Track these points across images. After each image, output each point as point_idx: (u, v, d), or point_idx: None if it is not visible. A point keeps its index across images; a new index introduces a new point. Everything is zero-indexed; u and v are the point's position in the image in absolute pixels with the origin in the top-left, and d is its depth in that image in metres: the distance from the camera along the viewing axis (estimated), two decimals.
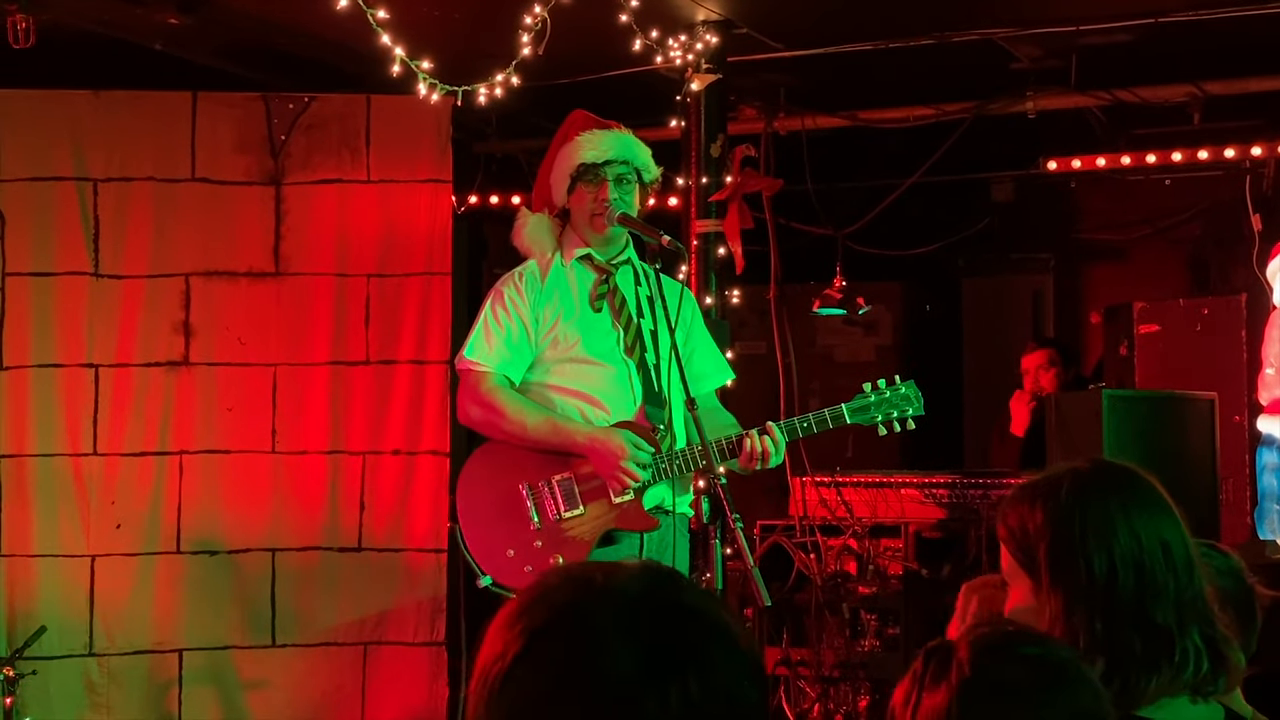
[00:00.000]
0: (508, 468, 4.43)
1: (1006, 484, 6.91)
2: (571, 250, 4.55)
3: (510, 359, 4.48)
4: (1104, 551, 2.27)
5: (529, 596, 1.50)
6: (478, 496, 4.45)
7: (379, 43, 5.10)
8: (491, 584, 4.38)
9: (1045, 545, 2.31)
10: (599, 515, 4.37)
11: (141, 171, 6.30)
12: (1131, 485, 2.35)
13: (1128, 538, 2.27)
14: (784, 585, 6.96)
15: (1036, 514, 2.34)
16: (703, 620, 1.47)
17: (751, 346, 7.96)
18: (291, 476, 6.34)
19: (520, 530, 4.38)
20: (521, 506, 4.40)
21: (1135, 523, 2.29)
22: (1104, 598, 2.25)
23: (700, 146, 6.57)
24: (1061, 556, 2.29)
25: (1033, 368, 7.93)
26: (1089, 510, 2.30)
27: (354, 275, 6.43)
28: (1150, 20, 6.50)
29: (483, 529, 4.41)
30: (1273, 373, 6.05)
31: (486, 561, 4.39)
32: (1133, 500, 2.32)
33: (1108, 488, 2.33)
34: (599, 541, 4.39)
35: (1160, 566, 2.26)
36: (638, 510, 4.36)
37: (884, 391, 4.46)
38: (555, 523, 4.38)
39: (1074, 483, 2.34)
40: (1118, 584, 2.25)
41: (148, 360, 6.27)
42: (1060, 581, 2.29)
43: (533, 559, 4.36)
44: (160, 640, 6.20)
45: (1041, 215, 8.93)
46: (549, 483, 4.40)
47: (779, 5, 6.50)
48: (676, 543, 4.48)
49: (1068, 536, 2.30)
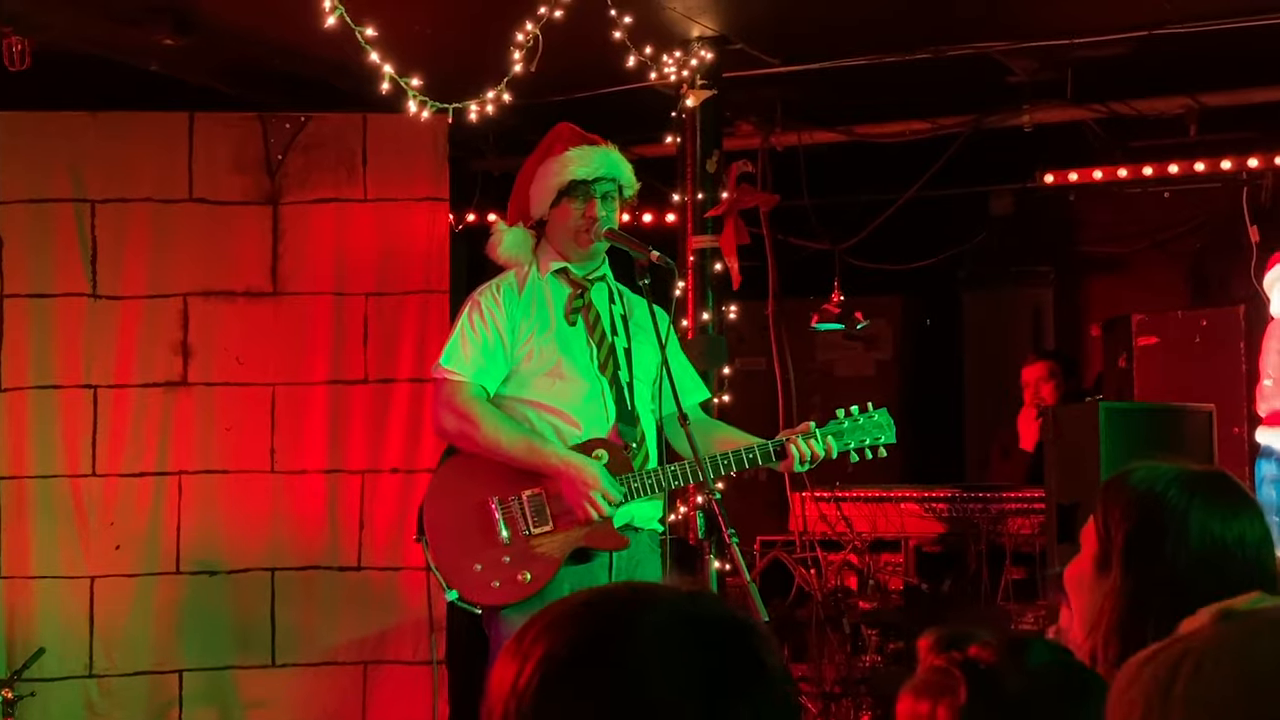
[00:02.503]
0: (478, 481, 4.38)
1: (1006, 498, 6.91)
2: (547, 263, 4.51)
3: (487, 369, 4.43)
4: (1187, 547, 2.25)
5: (557, 614, 1.42)
6: (446, 509, 4.40)
7: (368, 60, 5.10)
8: (458, 599, 4.33)
9: (1130, 526, 2.30)
10: (568, 533, 4.33)
11: (139, 192, 6.31)
12: (1242, 504, 2.33)
13: (1215, 543, 2.25)
14: (784, 601, 6.95)
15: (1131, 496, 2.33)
16: (754, 628, 1.41)
17: (751, 362, 7.96)
18: (290, 496, 6.34)
19: (489, 545, 4.33)
20: (491, 521, 4.35)
21: (1229, 533, 2.27)
22: (1180, 597, 2.23)
23: (696, 162, 6.57)
24: (1142, 543, 2.28)
25: (1033, 380, 7.93)
26: (1192, 509, 2.28)
27: (352, 294, 6.43)
28: (1145, 32, 6.49)
29: (450, 542, 4.36)
30: (1270, 384, 6.04)
31: (453, 576, 4.34)
32: (1239, 516, 2.30)
33: (1211, 495, 2.32)
34: (569, 559, 4.34)
35: (1241, 585, 2.24)
36: (608, 529, 4.33)
37: (857, 419, 4.44)
38: (524, 539, 4.33)
39: (1182, 481, 2.32)
40: (1196, 589, 2.23)
41: (146, 381, 6.27)
42: (1133, 568, 2.27)
43: (500, 574, 4.32)
44: (160, 661, 6.20)
45: (1041, 228, 8.93)
46: (519, 498, 4.35)
47: (774, 21, 6.50)
48: (646, 560, 4.45)
49: (1154, 524, 2.28)
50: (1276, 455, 6.00)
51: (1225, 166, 7.73)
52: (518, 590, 4.27)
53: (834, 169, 8.06)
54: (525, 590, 4.27)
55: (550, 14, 5.35)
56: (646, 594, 1.41)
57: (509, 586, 4.28)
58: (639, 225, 8.16)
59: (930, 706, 1.91)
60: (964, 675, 1.90)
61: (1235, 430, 6.81)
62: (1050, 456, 5.92)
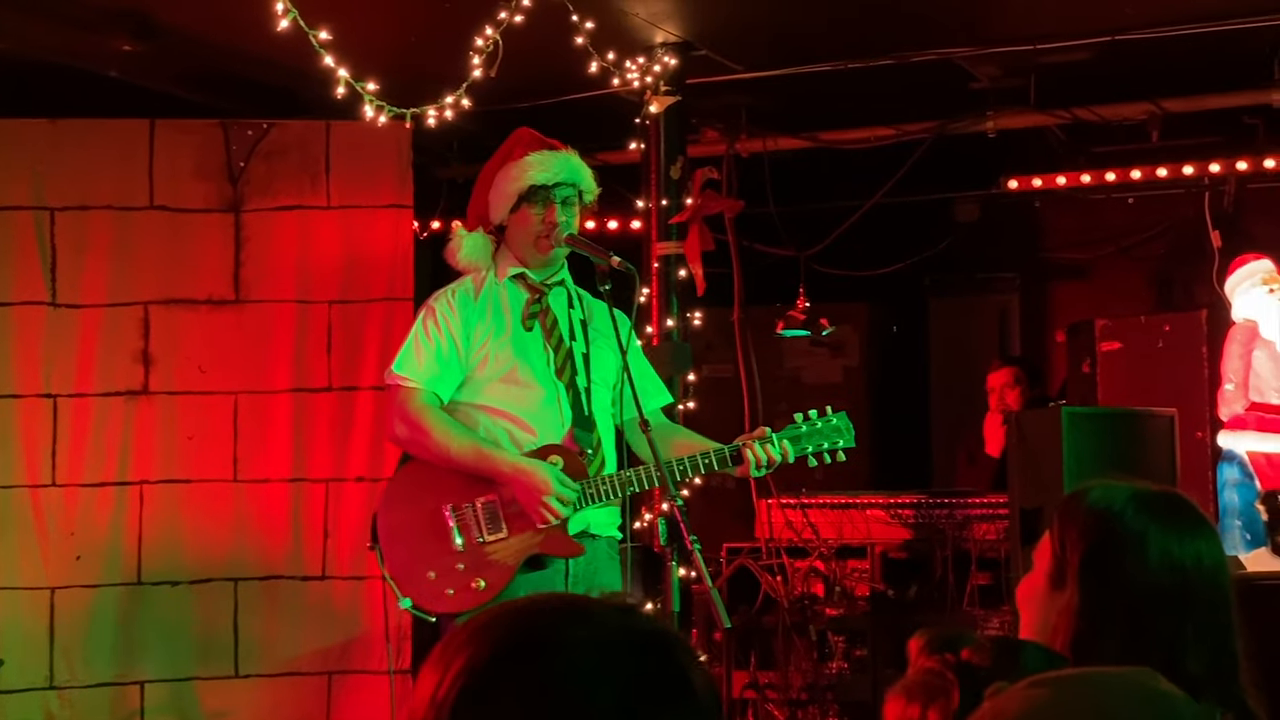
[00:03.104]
0: (431, 488, 4.34)
1: (972, 504, 6.91)
2: (505, 269, 4.49)
3: (440, 375, 4.40)
4: (1145, 568, 2.24)
5: (484, 624, 1.39)
6: (400, 516, 4.36)
7: (323, 64, 5.07)
8: (411, 606, 4.29)
9: (1086, 546, 2.29)
10: (523, 539, 4.29)
11: (99, 200, 6.27)
12: (1199, 526, 2.32)
13: (1174, 566, 2.25)
14: (751, 608, 6.95)
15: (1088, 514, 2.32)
16: (681, 646, 1.40)
17: (718, 369, 7.96)
18: (253, 505, 6.30)
19: (442, 552, 4.29)
20: (444, 528, 4.31)
21: (1188, 556, 2.26)
22: (1136, 619, 2.23)
23: (660, 169, 6.57)
24: (1099, 562, 2.27)
25: (998, 386, 7.95)
26: (1149, 531, 2.27)
27: (316, 302, 6.40)
28: (1108, 38, 6.52)
29: (404, 550, 4.32)
30: (1232, 388, 6.07)
31: (406, 583, 4.30)
32: (1196, 539, 2.29)
33: (1168, 517, 2.31)
34: (524, 566, 4.31)
35: (1199, 609, 2.24)
36: (563, 535, 4.30)
37: (815, 422, 4.38)
38: (478, 545, 4.29)
39: (1138, 502, 2.32)
40: (1153, 612, 2.22)
41: (107, 390, 6.23)
42: (1089, 587, 2.26)
43: (454, 582, 4.28)
44: (122, 672, 6.14)
45: (1006, 234, 8.95)
46: (473, 505, 4.31)
47: (738, 27, 6.51)
48: (605, 567, 4.43)
49: (1111, 544, 2.27)
50: (1239, 459, 6.04)
51: (1187, 172, 7.76)
52: (472, 598, 4.24)
53: (799, 175, 8.07)
54: (480, 598, 4.23)
55: (510, 19, 5.34)
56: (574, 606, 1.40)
57: (463, 594, 4.25)
58: (604, 232, 8.15)
59: (921, 709, 1.89)
60: (957, 678, 1.88)
61: (1198, 435, 6.84)
62: (1013, 462, 5.92)
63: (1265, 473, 6.04)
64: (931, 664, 1.96)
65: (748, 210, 7.03)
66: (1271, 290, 6.13)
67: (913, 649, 2.07)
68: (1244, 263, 6.33)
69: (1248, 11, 6.31)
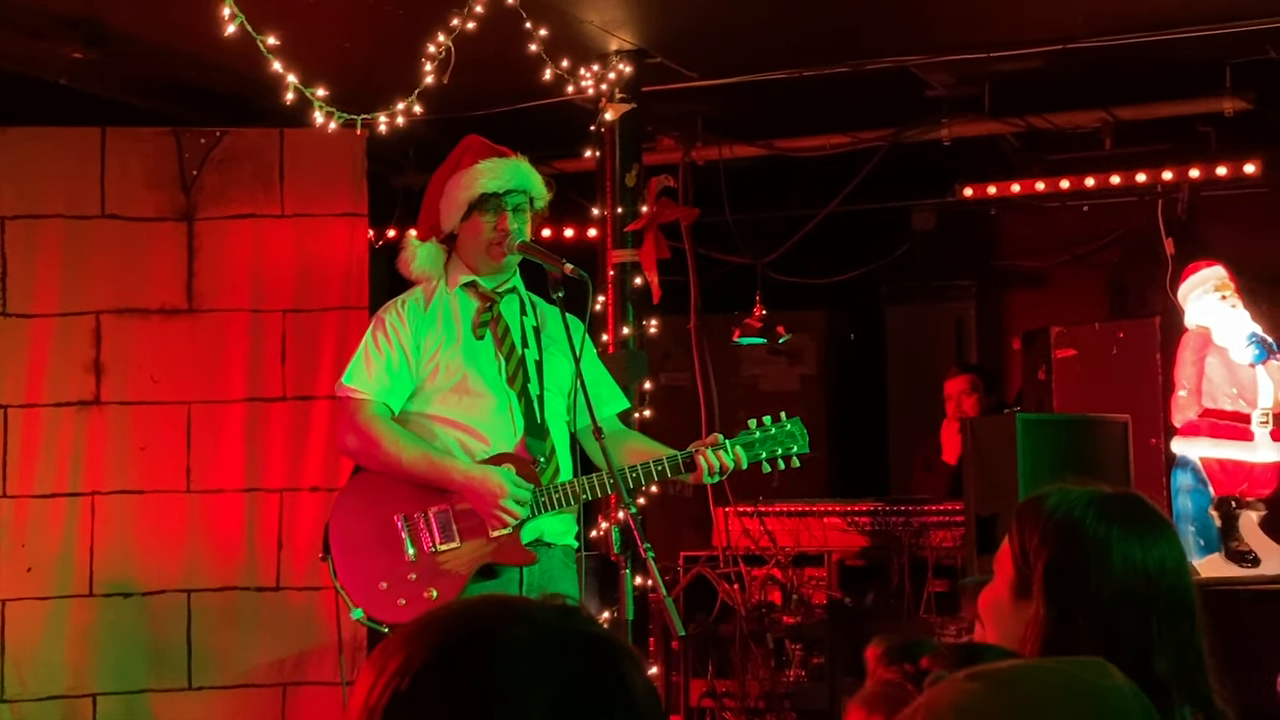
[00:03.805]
0: (383, 498, 4.31)
1: (929, 511, 6.93)
2: (456, 277, 4.46)
3: (390, 386, 4.37)
4: (1110, 575, 2.24)
5: (419, 626, 1.36)
6: (352, 527, 4.33)
7: (272, 70, 5.04)
8: (363, 617, 4.27)
9: (1049, 554, 2.29)
10: (475, 548, 4.27)
11: (50, 209, 6.22)
12: (1159, 528, 2.33)
13: (1137, 571, 2.25)
14: (708, 616, 6.94)
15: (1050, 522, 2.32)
16: (621, 649, 1.36)
17: (675, 378, 7.96)
18: (207, 516, 6.25)
19: (394, 562, 4.26)
20: (396, 538, 4.28)
21: (1150, 560, 2.27)
22: (1105, 625, 2.23)
23: (615, 176, 6.56)
24: (1063, 571, 2.27)
25: (955, 393, 7.96)
26: (1112, 536, 2.27)
27: (270, 311, 6.37)
28: (1060, 46, 6.56)
29: (356, 560, 4.30)
30: (1185, 395, 6.10)
31: (358, 594, 4.27)
32: (1157, 541, 2.30)
33: (1129, 521, 2.31)
34: (476, 575, 4.28)
35: (1164, 611, 2.25)
36: (515, 544, 4.27)
37: (769, 428, 4.35)
38: (430, 555, 4.27)
39: (1098, 507, 2.31)
40: (1120, 616, 2.23)
41: (58, 400, 6.17)
42: (1055, 596, 2.26)
43: (406, 592, 4.25)
44: (74, 685, 6.09)
45: (962, 242, 8.98)
46: (425, 514, 4.29)
47: (693, 35, 6.51)
48: (560, 575, 4.41)
49: (1075, 551, 2.27)
50: (1192, 465, 6.06)
51: (1141, 179, 7.81)
52: (424, 607, 4.13)
53: (755, 183, 8.07)
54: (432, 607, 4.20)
55: (463, 26, 5.32)
56: (512, 607, 1.37)
57: (415, 604, 4.22)
58: (560, 239, 8.14)
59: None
60: (917, 688, 1.87)
61: (1152, 441, 6.86)
62: (969, 469, 5.93)
63: (1218, 479, 6.07)
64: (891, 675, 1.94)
65: (704, 218, 7.04)
66: (1224, 297, 6.17)
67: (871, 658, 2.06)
68: (1197, 270, 6.36)
69: (1199, 20, 6.35)
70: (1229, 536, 5.99)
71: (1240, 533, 6.00)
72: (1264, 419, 6.01)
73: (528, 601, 1.38)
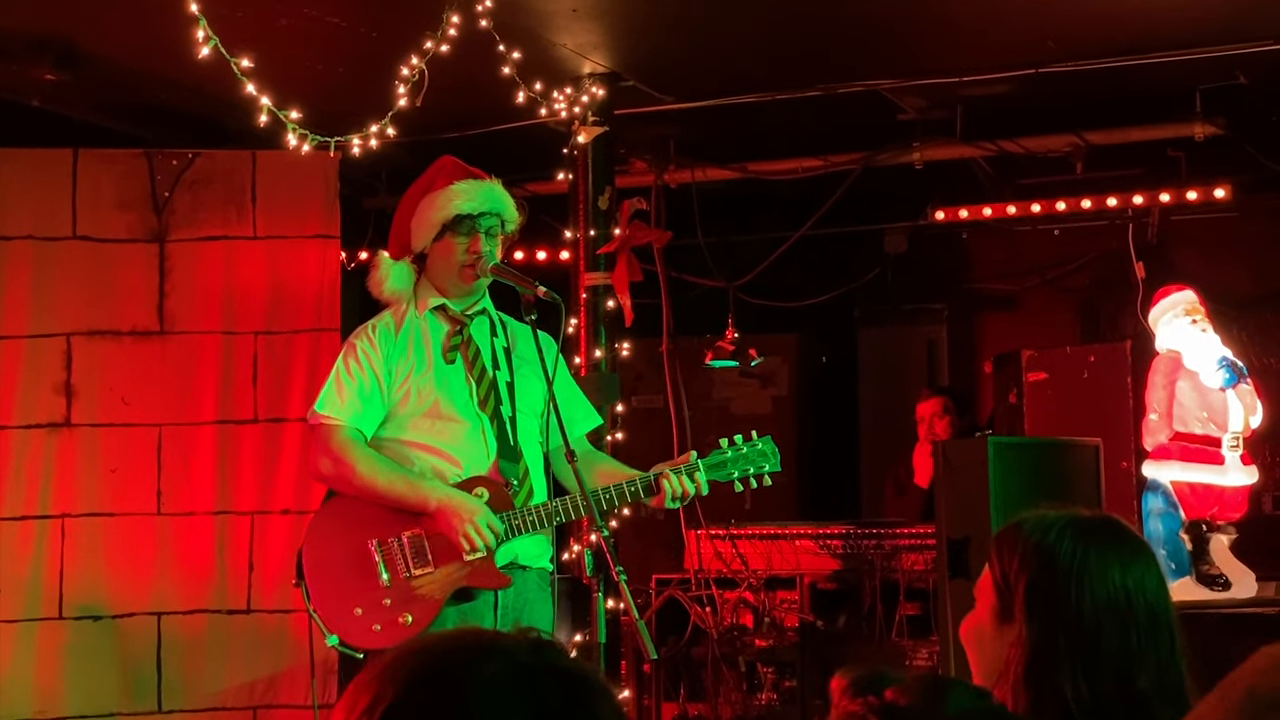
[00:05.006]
0: (357, 523, 4.29)
1: (901, 534, 6.93)
2: (426, 300, 4.46)
3: (362, 412, 4.36)
4: (1089, 595, 2.27)
5: (390, 662, 1.37)
6: (325, 553, 4.31)
7: (245, 92, 5.04)
8: (339, 644, 4.25)
9: (1029, 577, 2.31)
10: (450, 573, 4.26)
11: (20, 230, 6.20)
12: (1137, 549, 2.35)
13: (1116, 590, 2.28)
14: (680, 639, 6.93)
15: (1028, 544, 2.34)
16: (591, 683, 1.38)
17: (647, 400, 7.96)
18: (177, 538, 6.22)
19: (369, 588, 4.25)
20: (370, 563, 4.26)
21: (1129, 579, 2.30)
22: (1087, 643, 2.25)
23: (588, 199, 6.58)
24: (1044, 592, 2.29)
25: (927, 416, 7.98)
26: (1090, 558, 2.30)
27: (241, 333, 6.35)
28: (1031, 70, 6.59)
29: (330, 586, 4.27)
30: (1156, 418, 6.12)
31: (333, 620, 4.25)
32: (1135, 561, 2.33)
33: (1106, 542, 2.34)
34: (452, 599, 4.26)
35: (1144, 628, 2.27)
36: (489, 567, 4.26)
37: (741, 447, 4.36)
38: (405, 580, 4.25)
39: (1075, 530, 2.34)
40: (1101, 634, 2.25)
41: (28, 422, 6.14)
42: (1037, 617, 2.29)
43: (381, 617, 4.23)
44: (43, 708, 6.05)
45: (934, 265, 9.00)
46: (399, 539, 4.27)
47: (666, 58, 6.53)
48: (535, 599, 4.40)
49: (1054, 573, 2.30)
50: (1163, 489, 6.07)
51: (1111, 204, 7.85)
52: (399, 633, 4.19)
53: (728, 206, 8.10)
54: (406, 633, 4.18)
55: (436, 49, 5.33)
56: (484, 641, 1.37)
57: (390, 629, 4.20)
58: (533, 262, 8.14)
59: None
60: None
61: (1123, 464, 6.89)
62: (941, 491, 5.94)
63: (1189, 502, 6.08)
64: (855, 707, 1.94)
65: (676, 241, 7.05)
66: (1194, 321, 6.18)
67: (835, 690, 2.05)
68: (1167, 294, 6.38)
69: (1170, 45, 6.40)
70: (1200, 560, 6.00)
71: (1211, 556, 6.01)
72: (1234, 443, 6.03)
73: (499, 635, 1.39)
